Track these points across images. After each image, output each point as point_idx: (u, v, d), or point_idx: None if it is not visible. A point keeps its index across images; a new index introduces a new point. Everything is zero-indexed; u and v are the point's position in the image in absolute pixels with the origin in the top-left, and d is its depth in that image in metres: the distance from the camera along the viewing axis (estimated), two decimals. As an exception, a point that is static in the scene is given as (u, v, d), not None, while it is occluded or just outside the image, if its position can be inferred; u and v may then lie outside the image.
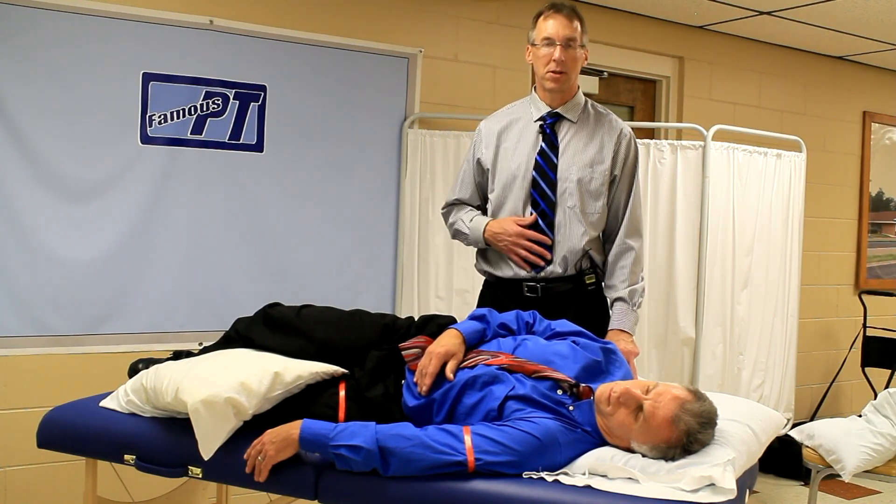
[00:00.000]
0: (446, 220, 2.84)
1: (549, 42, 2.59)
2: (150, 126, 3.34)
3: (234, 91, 3.49)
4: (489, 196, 2.72)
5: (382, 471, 1.79)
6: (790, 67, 5.32)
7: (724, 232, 3.98)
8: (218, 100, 3.46)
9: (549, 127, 2.66)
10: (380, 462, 1.78)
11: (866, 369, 5.31)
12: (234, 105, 3.49)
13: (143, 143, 3.33)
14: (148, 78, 3.33)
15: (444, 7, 4.04)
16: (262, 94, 3.55)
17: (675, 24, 4.77)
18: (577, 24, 2.61)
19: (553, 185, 2.62)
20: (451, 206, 2.82)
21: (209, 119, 3.45)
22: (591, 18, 4.40)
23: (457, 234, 2.79)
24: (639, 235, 2.70)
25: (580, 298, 2.63)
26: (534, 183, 2.62)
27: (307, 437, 1.85)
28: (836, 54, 5.48)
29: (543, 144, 2.65)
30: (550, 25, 2.60)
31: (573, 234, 2.62)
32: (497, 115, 2.80)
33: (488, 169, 2.71)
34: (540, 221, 2.61)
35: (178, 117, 3.39)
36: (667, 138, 4.48)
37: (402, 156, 3.86)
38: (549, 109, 2.68)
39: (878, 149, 5.85)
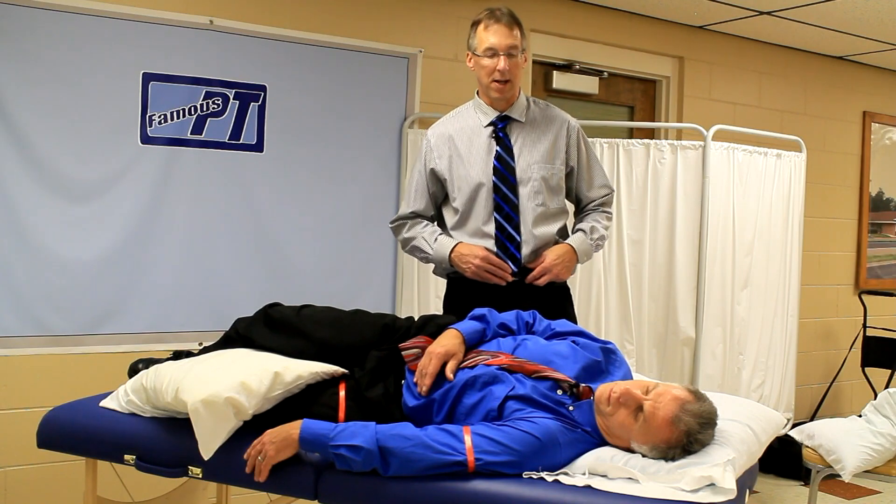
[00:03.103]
0: (398, 233, 2.81)
1: (492, 53, 2.62)
2: (150, 126, 3.34)
3: (234, 91, 3.49)
4: (452, 205, 2.72)
5: (382, 471, 1.79)
6: (790, 67, 5.32)
7: (724, 232, 3.98)
8: (218, 100, 3.46)
9: (502, 131, 2.70)
10: (380, 462, 1.78)
11: (866, 369, 5.31)
12: (234, 105, 3.49)
13: (143, 143, 3.34)
14: (148, 78, 3.33)
15: (444, 7, 4.04)
16: (262, 94, 3.55)
17: (675, 24, 4.78)
18: (516, 31, 2.64)
19: (514, 187, 2.65)
20: (406, 219, 2.79)
21: (209, 119, 3.45)
22: (591, 18, 4.44)
23: (413, 251, 2.78)
24: (607, 189, 2.81)
25: (550, 287, 2.67)
26: (495, 188, 2.65)
27: (307, 438, 1.85)
28: (836, 54, 5.48)
29: (499, 149, 2.68)
30: (492, 35, 2.61)
31: (545, 231, 2.68)
32: (444, 122, 2.81)
33: (445, 178, 2.72)
34: (507, 226, 2.63)
35: (178, 117, 3.39)
36: (667, 138, 4.49)
37: (402, 156, 3.86)
38: (498, 113, 2.71)
39: (878, 149, 5.86)
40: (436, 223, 2.80)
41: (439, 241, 2.69)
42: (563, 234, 2.75)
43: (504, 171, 2.66)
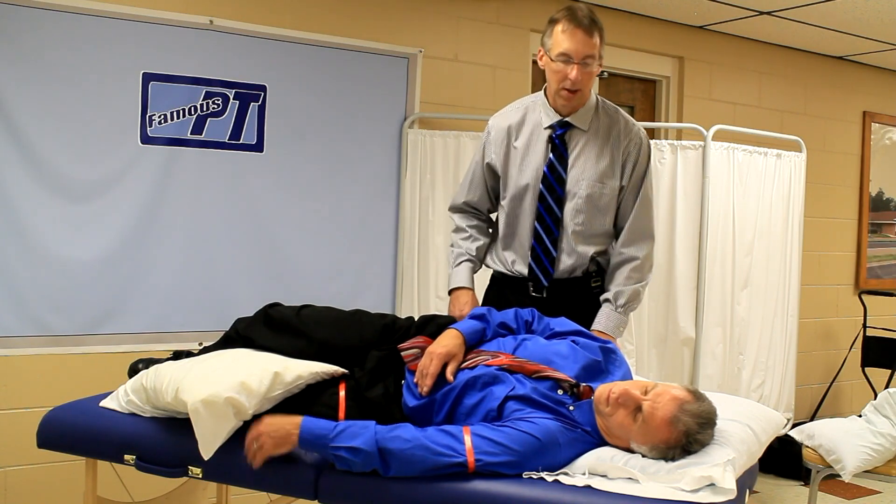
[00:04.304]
0: (454, 221, 2.77)
1: (566, 59, 2.44)
2: (150, 126, 3.34)
3: (234, 91, 3.49)
4: (501, 203, 2.65)
5: (383, 472, 1.79)
6: (790, 67, 5.32)
7: (724, 232, 3.98)
8: (218, 100, 3.46)
9: (559, 138, 2.55)
10: (380, 464, 1.78)
11: (866, 369, 5.30)
12: (234, 105, 3.49)
13: (143, 143, 3.34)
14: (148, 78, 3.33)
15: (444, 7, 4.04)
16: (262, 94, 3.55)
17: (675, 24, 4.78)
18: (596, 38, 2.45)
19: (560, 200, 2.53)
20: (458, 211, 2.74)
21: (209, 119, 3.45)
22: (591, 18, 4.43)
23: (449, 251, 2.76)
24: (642, 242, 2.59)
25: (583, 299, 2.60)
26: (541, 197, 2.54)
27: (307, 438, 1.85)
28: (836, 54, 5.48)
29: (552, 156, 2.54)
30: (569, 41, 2.42)
31: (581, 251, 2.56)
32: (508, 114, 2.67)
33: (500, 175, 2.63)
34: (545, 238, 2.55)
35: (178, 117, 3.39)
36: (667, 138, 4.49)
37: (402, 156, 3.86)
38: (559, 118, 2.56)
39: (878, 149, 5.85)
40: (491, 221, 2.74)
41: (457, 270, 2.65)
42: (601, 255, 2.61)
43: (553, 181, 2.52)
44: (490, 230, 2.77)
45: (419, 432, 1.81)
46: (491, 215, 2.78)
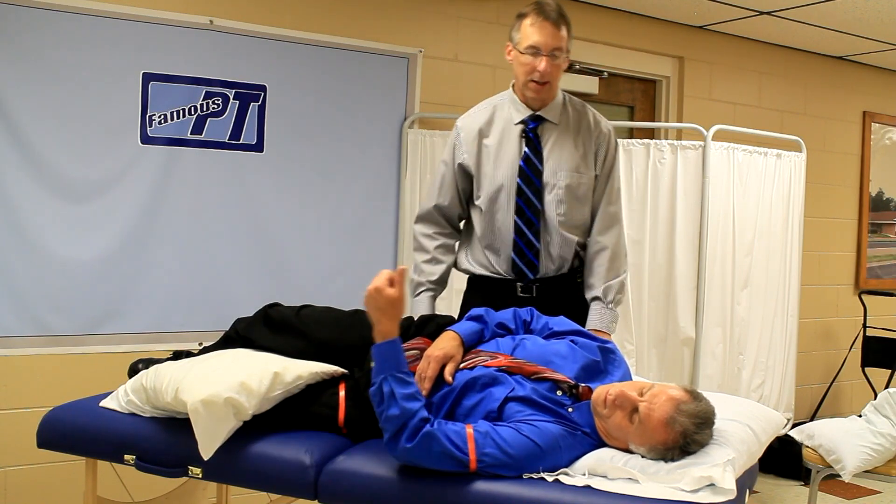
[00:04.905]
0: (416, 238, 2.72)
1: (535, 52, 2.49)
2: (150, 126, 3.35)
3: (234, 91, 3.49)
4: (476, 202, 2.64)
5: (389, 446, 1.78)
6: (790, 67, 5.32)
7: (724, 232, 3.98)
8: (218, 100, 3.46)
9: (532, 132, 2.60)
10: (390, 435, 1.77)
11: (866, 369, 5.31)
12: (234, 105, 3.49)
13: (143, 143, 3.34)
14: (148, 78, 3.33)
15: (444, 7, 4.04)
16: (262, 94, 3.55)
17: (675, 24, 4.78)
18: (563, 31, 2.51)
19: (538, 192, 2.56)
20: (427, 221, 2.71)
21: (209, 119, 3.45)
22: (591, 18, 4.44)
23: (410, 278, 2.70)
24: (614, 227, 2.64)
25: (571, 295, 2.62)
26: (519, 191, 2.57)
27: (383, 348, 1.84)
28: (836, 54, 5.48)
29: (527, 150, 2.58)
30: (538, 33, 2.48)
31: (564, 241, 2.59)
32: (476, 114, 2.70)
33: (473, 175, 2.64)
34: (527, 231, 2.57)
35: (178, 117, 3.39)
36: (667, 138, 4.48)
37: (402, 156, 3.86)
38: (530, 112, 2.60)
39: (878, 149, 5.85)
40: (459, 233, 2.72)
41: (417, 300, 2.64)
42: (582, 247, 2.64)
43: (530, 174, 2.56)
44: (456, 245, 2.75)
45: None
46: (460, 223, 2.75)
